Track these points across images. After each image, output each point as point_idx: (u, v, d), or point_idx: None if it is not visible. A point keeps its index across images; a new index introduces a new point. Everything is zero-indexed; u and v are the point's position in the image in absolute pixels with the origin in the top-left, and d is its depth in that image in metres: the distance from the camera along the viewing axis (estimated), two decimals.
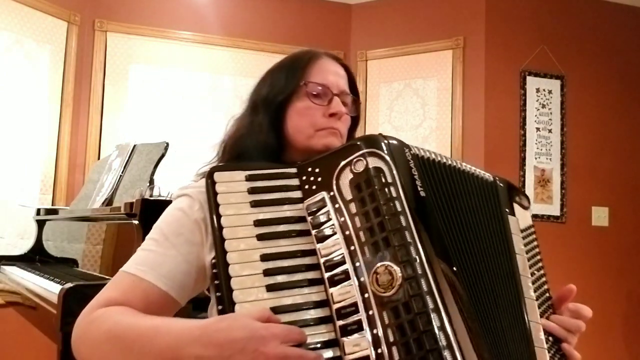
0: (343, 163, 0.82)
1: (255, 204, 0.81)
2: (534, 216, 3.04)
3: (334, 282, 0.75)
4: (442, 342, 0.68)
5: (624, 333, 3.18)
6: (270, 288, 0.75)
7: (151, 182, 1.84)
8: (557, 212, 3.12)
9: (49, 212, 2.60)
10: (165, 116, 3.19)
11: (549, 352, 0.86)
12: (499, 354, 0.77)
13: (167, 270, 0.85)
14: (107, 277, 1.75)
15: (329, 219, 0.79)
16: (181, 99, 3.23)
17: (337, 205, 0.80)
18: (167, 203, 0.93)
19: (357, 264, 0.74)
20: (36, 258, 2.50)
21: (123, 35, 3.17)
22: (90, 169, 2.91)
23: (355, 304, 0.72)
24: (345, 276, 0.74)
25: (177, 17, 3.28)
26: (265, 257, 0.77)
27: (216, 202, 0.80)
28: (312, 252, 0.78)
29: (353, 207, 0.78)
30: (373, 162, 0.80)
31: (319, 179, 0.84)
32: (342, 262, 0.75)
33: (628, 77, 3.33)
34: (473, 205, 0.89)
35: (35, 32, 2.90)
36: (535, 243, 1.00)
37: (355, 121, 1.06)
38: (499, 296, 0.85)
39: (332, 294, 0.74)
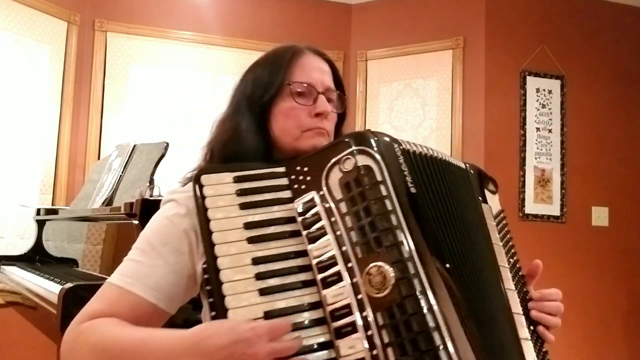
0: (332, 161, 0.80)
1: (244, 206, 0.80)
2: (534, 216, 3.08)
3: (327, 283, 0.73)
4: (437, 342, 0.68)
5: (624, 333, 3.18)
6: (263, 292, 0.73)
7: (151, 182, 1.84)
8: (557, 212, 3.12)
9: (49, 212, 2.60)
10: (165, 116, 3.19)
11: (531, 339, 0.87)
12: (493, 351, 0.77)
13: (154, 281, 0.83)
14: (107, 277, 1.74)
15: (320, 219, 0.77)
16: (181, 99, 3.23)
17: (327, 205, 0.78)
18: None
19: (350, 265, 0.73)
20: (36, 258, 2.50)
21: (123, 35, 3.17)
22: (90, 169, 2.91)
23: (348, 306, 0.71)
24: (338, 277, 0.73)
25: (177, 17, 3.28)
26: (256, 261, 0.76)
27: (204, 206, 0.78)
28: (305, 253, 0.77)
29: (343, 207, 0.77)
30: (362, 160, 0.78)
31: (308, 178, 0.82)
32: (334, 264, 0.74)
33: (628, 77, 3.33)
34: (457, 197, 0.88)
35: (35, 32, 2.90)
36: (507, 229, 1.00)
37: (341, 117, 1.02)
38: (486, 289, 0.85)
39: (325, 295, 0.73)
